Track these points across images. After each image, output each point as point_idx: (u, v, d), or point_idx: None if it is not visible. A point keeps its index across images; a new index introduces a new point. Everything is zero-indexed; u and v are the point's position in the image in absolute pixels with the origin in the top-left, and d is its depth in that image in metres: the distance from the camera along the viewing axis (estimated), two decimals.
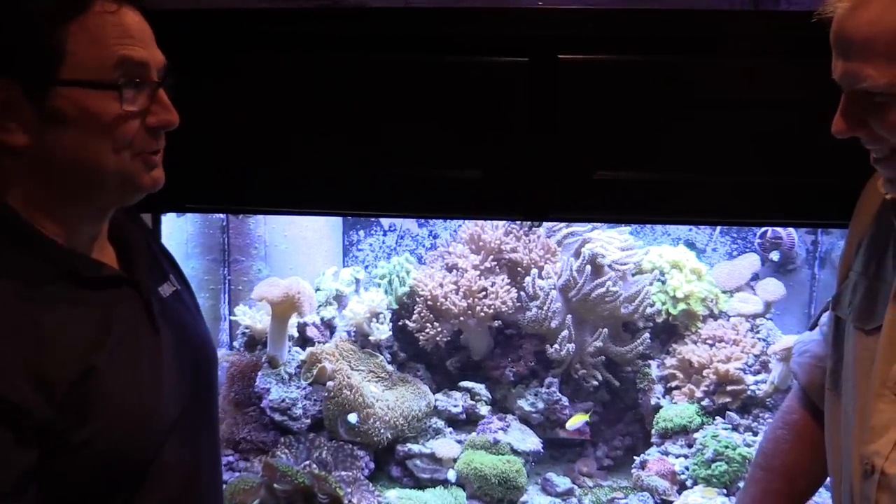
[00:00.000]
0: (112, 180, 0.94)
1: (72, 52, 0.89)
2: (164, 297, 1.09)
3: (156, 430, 0.99)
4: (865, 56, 0.88)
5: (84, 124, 0.91)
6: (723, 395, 1.83)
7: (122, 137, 0.92)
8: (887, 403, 1.02)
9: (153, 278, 1.09)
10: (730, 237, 2.11)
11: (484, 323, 1.95)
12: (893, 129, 0.93)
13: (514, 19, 1.41)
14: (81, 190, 0.95)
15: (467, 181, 1.42)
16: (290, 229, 2.05)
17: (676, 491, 1.76)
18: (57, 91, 0.89)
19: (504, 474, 1.78)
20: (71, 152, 0.91)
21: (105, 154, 0.92)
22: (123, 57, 0.91)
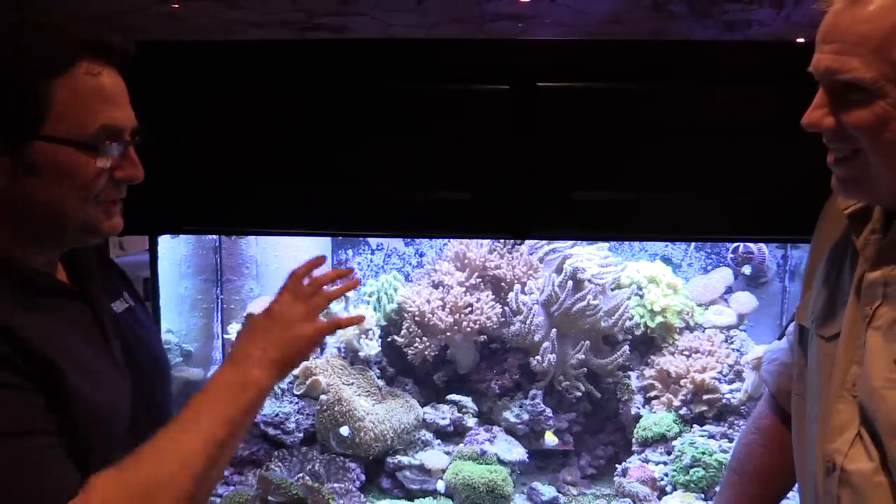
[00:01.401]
0: (74, 226, 0.99)
1: (55, 109, 0.93)
2: (116, 313, 1.14)
3: (113, 432, 1.02)
4: (857, 50, 0.92)
5: (57, 176, 0.95)
6: (699, 403, 1.91)
7: (90, 190, 0.97)
8: (845, 404, 1.10)
9: (107, 295, 1.14)
10: (704, 252, 2.20)
11: (470, 338, 2.02)
12: (863, 128, 0.99)
13: (495, 50, 1.50)
14: (44, 231, 1.00)
15: (453, 202, 1.50)
16: (280, 249, 2.11)
17: (657, 497, 1.83)
18: (36, 144, 0.93)
19: (491, 483, 1.84)
20: (40, 199, 0.96)
21: (72, 203, 0.97)
22: (104, 124, 0.96)
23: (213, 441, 0.95)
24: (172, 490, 0.92)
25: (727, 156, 1.44)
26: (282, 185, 1.54)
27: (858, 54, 0.92)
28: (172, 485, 0.93)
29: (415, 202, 1.51)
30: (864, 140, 1.00)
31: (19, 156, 0.93)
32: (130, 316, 1.20)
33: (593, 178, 1.48)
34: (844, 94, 0.97)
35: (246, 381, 1.01)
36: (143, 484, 0.92)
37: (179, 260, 2.07)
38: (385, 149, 1.50)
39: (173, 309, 2.10)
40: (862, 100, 0.96)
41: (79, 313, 1.06)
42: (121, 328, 1.13)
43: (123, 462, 0.94)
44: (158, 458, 0.94)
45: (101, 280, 1.17)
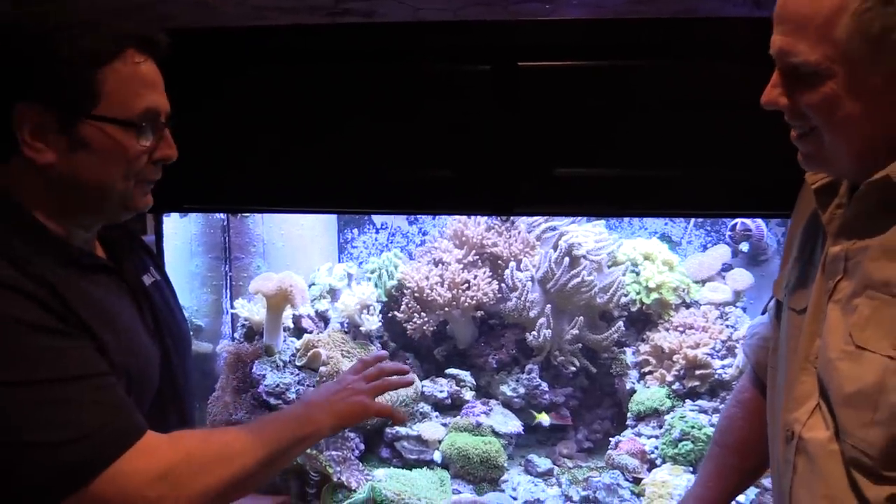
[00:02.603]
0: (115, 200, 1.08)
1: (105, 92, 1.03)
2: (146, 285, 1.23)
3: (145, 396, 1.11)
4: (801, 33, 0.94)
5: (105, 153, 1.05)
6: (692, 378, 1.94)
7: (133, 167, 1.07)
8: (808, 375, 1.12)
9: (137, 269, 1.23)
10: (704, 230, 2.22)
11: (467, 313, 2.07)
12: (815, 108, 1.01)
13: (477, 31, 1.54)
14: (88, 204, 1.09)
15: (439, 180, 1.55)
16: (286, 228, 2.18)
17: (647, 469, 1.86)
18: (89, 124, 1.03)
19: (485, 454, 1.90)
20: (88, 174, 1.05)
21: (116, 179, 1.06)
22: (147, 107, 1.06)
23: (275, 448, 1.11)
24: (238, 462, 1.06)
25: (713, 132, 1.46)
26: (275, 165, 1.60)
27: (804, 36, 0.94)
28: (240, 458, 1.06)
29: (402, 180, 1.56)
30: (816, 119, 1.02)
31: (71, 133, 1.02)
32: (156, 289, 1.29)
33: (574, 156, 1.52)
34: (797, 75, 0.99)
35: (309, 420, 1.19)
36: (222, 448, 1.06)
37: (190, 239, 2.15)
38: (373, 130, 1.55)
39: (185, 286, 2.19)
40: (812, 81, 0.98)
41: (116, 287, 1.15)
42: (151, 300, 1.22)
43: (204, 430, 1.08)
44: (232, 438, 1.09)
45: (135, 256, 1.26)
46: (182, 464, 1.02)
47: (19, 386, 0.96)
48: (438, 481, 1.89)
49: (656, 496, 1.74)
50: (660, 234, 2.21)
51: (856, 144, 1.01)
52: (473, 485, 1.91)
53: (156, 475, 1.00)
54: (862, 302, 1.03)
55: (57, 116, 1.02)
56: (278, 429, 1.16)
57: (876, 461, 0.99)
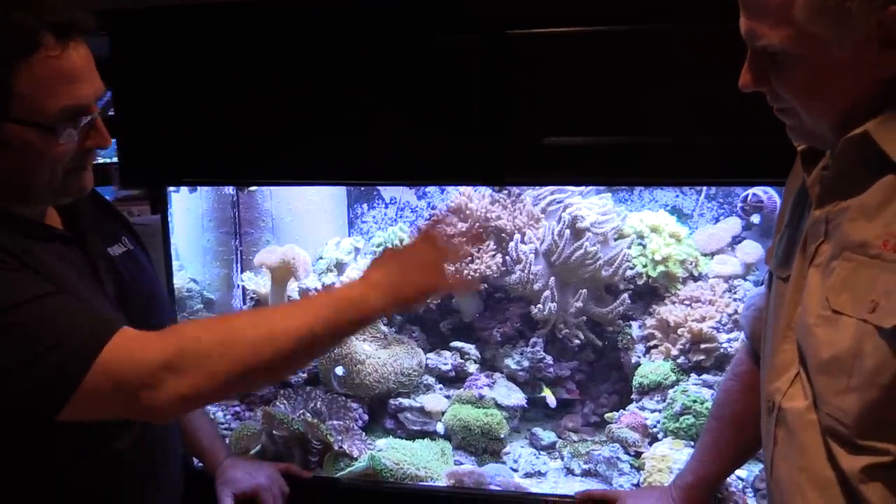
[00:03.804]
0: (42, 191, 1.08)
1: (18, 93, 0.98)
2: (112, 256, 1.25)
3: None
4: (761, 15, 0.94)
5: (24, 155, 1.03)
6: (697, 352, 1.91)
7: (56, 162, 1.06)
8: (789, 344, 1.11)
9: (103, 239, 1.25)
10: (716, 202, 2.17)
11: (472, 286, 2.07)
12: (791, 90, 1.00)
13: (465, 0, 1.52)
14: (17, 196, 1.09)
15: (428, 151, 1.55)
16: (294, 203, 2.21)
17: (648, 443, 1.85)
18: (4, 125, 0.99)
19: (486, 426, 1.90)
20: (11, 172, 1.04)
21: (39, 174, 1.06)
22: (66, 105, 1.02)
23: (309, 334, 1.03)
24: (249, 351, 1.00)
25: (709, 98, 1.43)
26: (267, 137, 1.62)
27: (765, 19, 0.93)
28: (252, 347, 1.00)
29: (391, 151, 1.57)
30: (790, 100, 1.01)
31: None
32: (128, 258, 1.30)
33: (563, 124, 1.50)
34: (768, 56, 0.98)
35: (362, 301, 1.09)
36: (226, 332, 1.01)
37: (201, 214, 2.20)
38: (362, 101, 1.56)
39: (197, 260, 2.24)
40: (781, 62, 0.98)
41: (73, 256, 1.16)
42: (116, 269, 1.24)
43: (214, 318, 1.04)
44: (253, 321, 1.04)
45: (101, 226, 1.28)
46: (179, 352, 0.98)
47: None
48: (440, 452, 1.90)
49: (656, 470, 1.73)
50: (670, 207, 2.18)
51: (833, 118, 1.00)
52: (475, 456, 1.92)
53: (153, 361, 0.97)
54: (839, 265, 1.01)
55: None
56: (322, 313, 1.05)
57: (851, 429, 0.98)
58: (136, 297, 1.28)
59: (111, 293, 1.21)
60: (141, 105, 1.65)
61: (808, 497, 1.03)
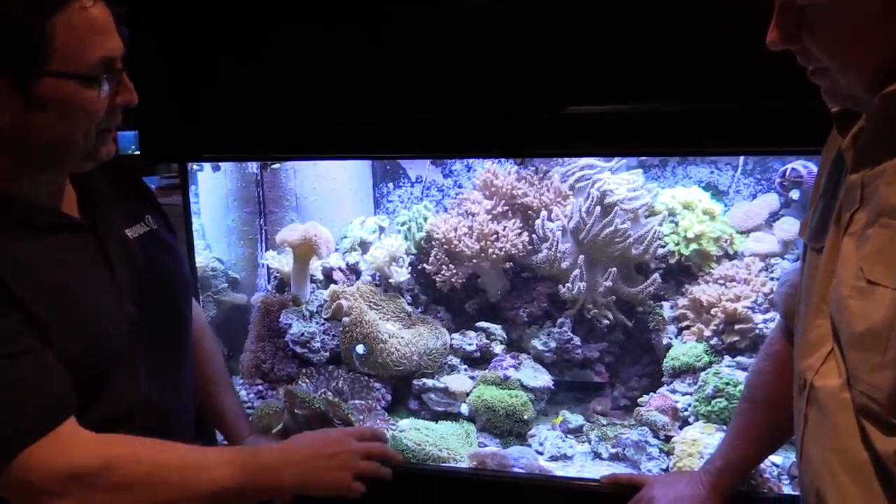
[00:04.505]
0: (77, 154, 1.07)
1: (58, 46, 0.98)
2: (130, 238, 1.23)
3: (108, 352, 1.12)
4: None
5: (65, 110, 1.02)
6: (731, 333, 1.83)
7: (94, 120, 1.05)
8: (823, 318, 1.04)
9: (121, 220, 1.23)
10: (753, 178, 2.08)
11: (497, 265, 2.02)
12: (823, 48, 0.94)
13: None
14: (48, 162, 1.08)
15: (445, 123, 1.50)
16: (319, 182, 2.19)
17: (678, 427, 1.78)
18: (44, 81, 0.99)
19: (511, 408, 1.86)
20: (48, 131, 1.03)
21: (77, 133, 1.05)
22: (103, 55, 1.02)
23: (222, 492, 1.06)
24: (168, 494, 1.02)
25: (742, 60, 1.35)
26: (288, 112, 1.59)
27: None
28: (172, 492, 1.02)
29: (407, 124, 1.52)
30: (823, 59, 0.95)
31: (30, 94, 0.99)
32: (151, 238, 1.29)
33: (585, 92, 1.44)
34: (799, 12, 0.91)
35: (278, 474, 1.13)
36: (155, 466, 1.02)
37: (226, 194, 2.19)
38: (376, 73, 1.52)
39: (222, 240, 2.23)
40: (810, 18, 0.92)
41: (81, 244, 1.15)
42: (132, 252, 1.22)
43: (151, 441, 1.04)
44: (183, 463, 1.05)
45: (121, 205, 1.26)
46: (101, 470, 0.97)
47: None
48: (464, 433, 1.87)
49: (685, 454, 1.66)
50: (704, 184, 2.09)
51: (868, 76, 0.94)
52: (500, 438, 1.88)
53: (67, 472, 0.95)
54: (874, 232, 0.94)
55: (9, 76, 0.98)
56: (234, 470, 1.07)
57: (884, 407, 0.91)
58: (155, 279, 1.26)
59: (122, 279, 1.19)
60: (160, 80, 1.64)
61: (840, 480, 0.96)
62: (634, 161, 2.10)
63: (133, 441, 1.04)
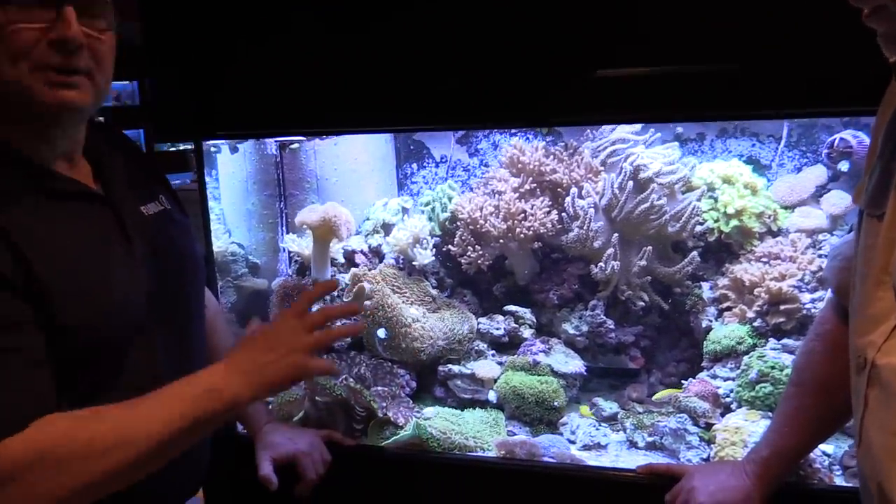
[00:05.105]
0: (12, 92, 1.00)
1: None
2: (146, 215, 1.19)
3: (121, 328, 1.08)
4: None
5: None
6: (776, 314, 1.71)
7: (15, 47, 0.97)
8: (885, 291, 0.94)
9: (136, 197, 1.19)
10: (797, 151, 1.95)
11: (525, 245, 1.93)
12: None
13: None
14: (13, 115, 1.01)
15: (465, 92, 1.41)
16: (339, 163, 2.11)
17: (720, 414, 1.67)
18: None
19: (541, 395, 1.77)
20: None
21: (1, 63, 0.97)
22: None
23: (169, 433, 0.98)
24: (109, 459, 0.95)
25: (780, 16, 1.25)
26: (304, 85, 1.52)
27: None
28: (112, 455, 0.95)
29: (426, 95, 1.44)
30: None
31: None
32: (165, 218, 1.26)
33: (618, 53, 1.34)
34: None
35: (224, 393, 1.03)
36: (89, 439, 0.95)
37: (245, 177, 2.13)
38: (394, 42, 1.44)
39: (242, 224, 2.18)
40: None
41: (98, 215, 1.12)
42: (149, 229, 1.19)
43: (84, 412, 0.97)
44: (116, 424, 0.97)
45: (137, 183, 1.23)
46: (34, 465, 0.91)
47: None
48: (492, 421, 1.78)
49: (728, 443, 1.56)
50: (745, 158, 1.97)
51: None
52: (530, 426, 1.79)
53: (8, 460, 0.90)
54: None
55: None
56: (177, 406, 1.00)
57: None
58: (171, 257, 1.23)
59: (139, 253, 1.14)
60: (173, 56, 1.59)
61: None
62: (669, 134, 2.00)
63: (66, 418, 0.97)
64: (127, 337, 1.10)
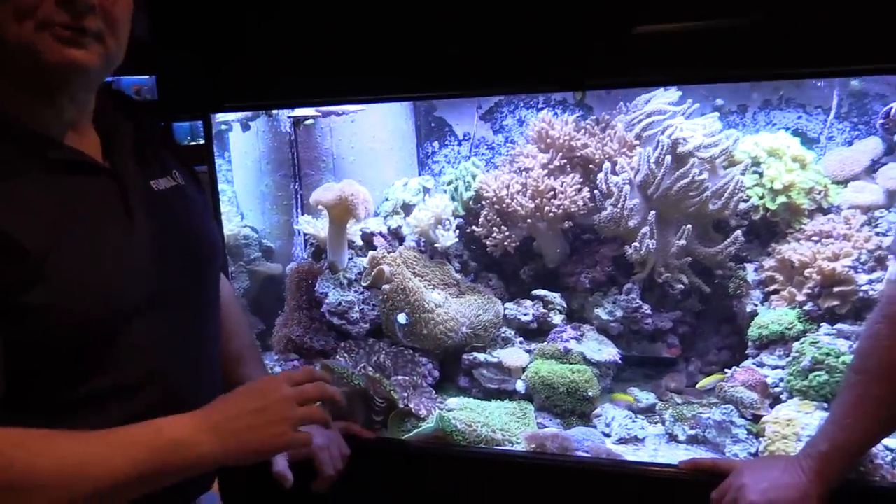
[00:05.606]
0: (17, 52, 0.93)
1: None
2: (155, 190, 1.12)
3: (116, 307, 1.00)
4: None
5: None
6: (829, 297, 1.58)
7: (20, 5, 0.91)
8: None
9: (146, 170, 1.12)
10: (849, 123, 1.81)
11: (555, 226, 1.81)
12: None
13: None
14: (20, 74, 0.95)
15: (493, 54, 1.30)
16: (357, 142, 2.01)
17: (768, 405, 1.55)
18: None
19: (573, 385, 1.65)
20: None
21: (9, 25, 0.91)
22: None
23: (119, 483, 0.89)
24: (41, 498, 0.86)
25: None
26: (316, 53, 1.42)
27: None
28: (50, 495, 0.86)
29: (448, 58, 1.32)
30: None
31: None
32: (178, 195, 1.18)
33: (659, 6, 1.21)
34: None
35: (191, 449, 0.94)
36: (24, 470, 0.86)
37: (258, 157, 2.03)
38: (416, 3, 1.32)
39: (255, 207, 2.08)
40: None
41: (100, 188, 1.04)
42: (156, 205, 1.11)
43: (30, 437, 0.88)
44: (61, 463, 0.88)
45: (149, 156, 1.15)
46: None
47: None
48: (520, 413, 1.67)
49: (779, 437, 1.43)
50: (791, 130, 1.83)
51: None
52: (561, 418, 1.67)
53: None
54: None
55: None
56: (133, 453, 0.90)
57: None
58: (179, 237, 1.15)
59: (143, 228, 1.07)
60: (179, 27, 1.50)
61: None
62: (708, 107, 1.86)
63: (7, 440, 0.87)
64: (121, 320, 1.02)
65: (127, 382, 1.02)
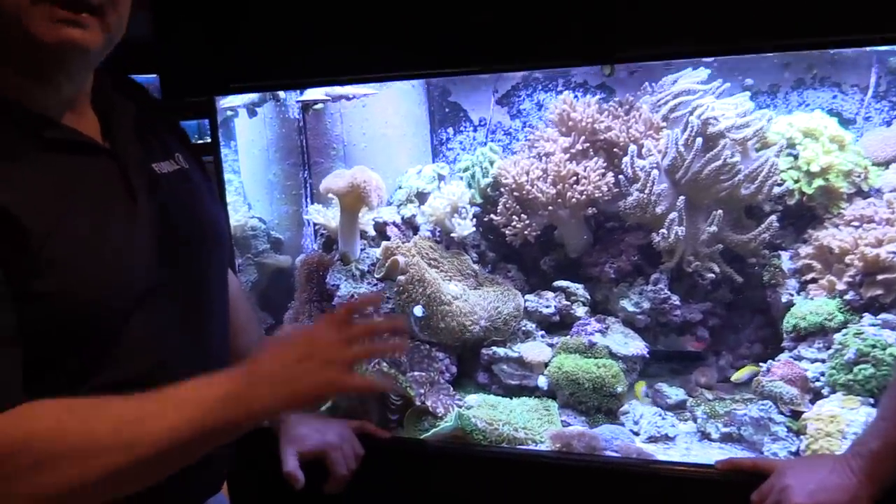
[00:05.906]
0: (11, 28, 0.88)
1: None
2: (157, 173, 1.07)
3: (118, 294, 0.96)
4: None
5: None
6: (872, 286, 1.49)
7: None
8: None
9: (147, 153, 1.07)
10: (888, 102, 1.72)
11: (577, 213, 1.72)
12: None
13: None
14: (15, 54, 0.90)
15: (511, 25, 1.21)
16: (368, 128, 1.92)
17: (809, 401, 1.46)
18: None
19: (598, 380, 1.56)
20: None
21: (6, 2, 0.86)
22: None
23: (178, 441, 0.86)
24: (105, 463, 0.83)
25: None
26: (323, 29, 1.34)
27: None
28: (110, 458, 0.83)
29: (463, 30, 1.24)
30: None
31: None
32: (181, 178, 1.12)
33: None
34: None
35: (245, 402, 0.90)
36: (84, 435, 0.83)
37: (266, 145, 1.95)
38: None
39: (263, 197, 2.00)
40: None
41: (100, 170, 0.99)
42: (159, 188, 1.05)
43: (81, 403, 0.85)
44: (117, 425, 0.85)
45: (151, 138, 1.10)
46: (18, 454, 0.79)
47: None
48: (543, 410, 1.59)
49: (822, 434, 1.34)
50: (826, 110, 1.74)
51: None
52: (586, 416, 1.59)
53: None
54: None
55: None
56: (189, 411, 0.87)
57: None
58: (185, 221, 1.09)
59: (145, 213, 1.02)
60: (181, 7, 1.42)
61: None
62: (738, 87, 1.77)
63: (59, 406, 0.84)
64: (122, 307, 0.97)
65: (131, 378, 0.97)
